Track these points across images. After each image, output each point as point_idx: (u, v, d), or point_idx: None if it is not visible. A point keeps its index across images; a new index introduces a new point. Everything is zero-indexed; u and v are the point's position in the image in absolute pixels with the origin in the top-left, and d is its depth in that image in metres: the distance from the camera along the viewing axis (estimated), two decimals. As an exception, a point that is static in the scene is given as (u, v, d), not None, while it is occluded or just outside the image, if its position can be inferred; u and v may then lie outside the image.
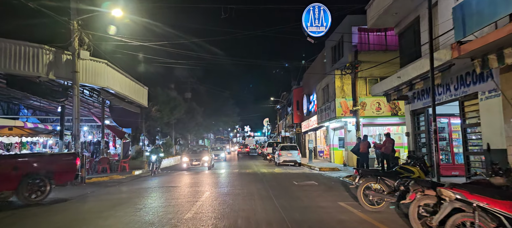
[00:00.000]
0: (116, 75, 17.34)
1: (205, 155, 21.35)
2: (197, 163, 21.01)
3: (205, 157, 21.07)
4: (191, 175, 17.21)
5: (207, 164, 20.85)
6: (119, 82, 17.83)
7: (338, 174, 17.59)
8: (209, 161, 21.10)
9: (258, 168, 22.31)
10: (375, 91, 13.35)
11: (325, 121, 23.65)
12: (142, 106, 22.33)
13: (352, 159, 21.05)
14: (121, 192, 11.93)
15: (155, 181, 15.01)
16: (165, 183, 14.10)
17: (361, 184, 7.40)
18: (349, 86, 20.76)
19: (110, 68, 16.52)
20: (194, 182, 14.42)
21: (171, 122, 31.21)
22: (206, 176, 16.91)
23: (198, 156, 21.63)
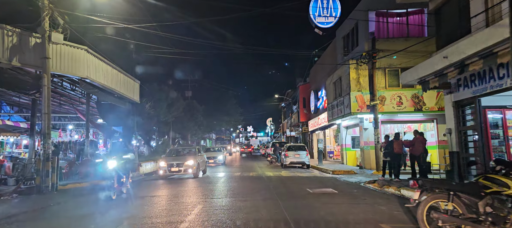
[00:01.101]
0: (100, 65, 15.04)
1: (189, 159, 15.95)
2: (177, 169, 15.50)
3: (189, 161, 15.66)
4: (180, 183, 14.70)
5: (192, 171, 15.51)
6: (103, 73, 15.53)
7: (355, 178, 15.20)
8: (195, 166, 15.69)
9: (263, 171, 19.96)
10: (406, 80, 10.95)
11: (337, 118, 21.25)
12: (133, 102, 20.02)
13: (368, 160, 18.65)
14: (92, 203, 9.60)
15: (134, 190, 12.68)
16: (150, 191, 11.76)
17: (424, 202, 4.95)
18: (366, 78, 18.36)
19: (92, 56, 14.22)
20: (185, 190, 12.07)
21: (168, 120, 28.93)
22: (201, 183, 14.56)
23: (179, 159, 16.13)
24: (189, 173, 15.68)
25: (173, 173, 15.85)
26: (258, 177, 16.06)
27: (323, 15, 23.21)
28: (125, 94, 18.32)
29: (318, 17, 23.14)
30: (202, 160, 17.38)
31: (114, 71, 16.83)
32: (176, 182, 14.46)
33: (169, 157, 16.88)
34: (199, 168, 16.32)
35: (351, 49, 21.13)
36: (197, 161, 16.07)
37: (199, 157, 16.92)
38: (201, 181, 14.28)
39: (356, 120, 20.00)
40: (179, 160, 15.98)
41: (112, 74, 16.54)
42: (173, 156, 17.17)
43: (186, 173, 15.68)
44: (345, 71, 19.16)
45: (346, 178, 15.42)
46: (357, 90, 18.37)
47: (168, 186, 13.21)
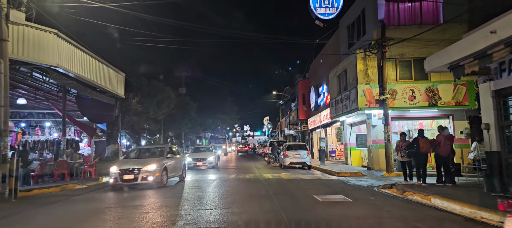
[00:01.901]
0: (75, 53, 13.15)
1: (150, 163, 11.97)
2: (131, 176, 11.47)
3: (149, 166, 11.74)
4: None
5: (153, 178, 11.60)
6: (80, 62, 13.64)
7: (365, 181, 13.44)
8: (157, 172, 11.80)
9: (260, 172, 18.16)
10: (432, 66, 9.17)
11: (341, 115, 19.49)
12: (117, 97, 18.13)
13: (377, 160, 16.91)
14: (52, 215, 7.76)
15: (115, 195, 10.82)
16: (130, 199, 9.92)
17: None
18: (375, 70, 16.59)
19: (64, 42, 12.33)
20: (169, 196, 10.23)
21: (159, 117, 27.04)
22: (165, 194, 12.73)
23: (138, 163, 12.02)
24: (149, 181, 11.54)
25: (126, 182, 11.50)
26: (255, 180, 14.26)
27: (324, 6, 21.48)
28: (107, 88, 16.44)
29: (319, 8, 21.42)
30: (174, 163, 13.49)
31: (94, 61, 14.95)
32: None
33: (125, 160, 13.00)
34: (166, 174, 12.45)
35: (357, 39, 19.37)
36: (161, 165, 12.16)
37: (169, 159, 13.06)
38: (165, 193, 10.74)
39: (362, 116, 18.24)
40: (137, 164, 11.80)
41: (91, 65, 14.66)
42: (132, 159, 13.07)
43: (145, 181, 11.49)
44: (351, 62, 17.39)
45: (355, 181, 13.65)
46: (365, 83, 16.59)
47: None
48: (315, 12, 20.57)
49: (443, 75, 15.98)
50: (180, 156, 15.03)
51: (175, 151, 14.93)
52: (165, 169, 12.50)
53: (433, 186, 9.88)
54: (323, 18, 20.81)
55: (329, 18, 20.73)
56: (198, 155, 21.40)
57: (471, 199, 7.30)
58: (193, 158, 20.68)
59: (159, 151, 13.93)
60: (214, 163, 21.15)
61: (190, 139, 48.62)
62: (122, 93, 18.28)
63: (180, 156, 15.19)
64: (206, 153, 21.98)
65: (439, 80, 16.02)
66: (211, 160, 20.90)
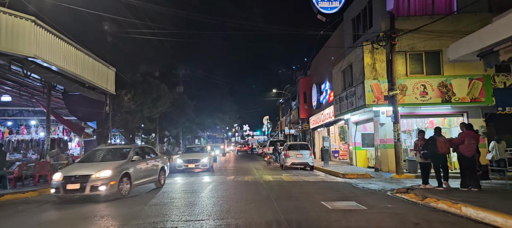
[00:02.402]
0: (56, 43, 11.96)
1: (104, 169, 9.41)
2: (74, 186, 8.97)
3: (102, 172, 9.22)
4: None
5: (105, 188, 9.07)
6: (63, 54, 12.45)
7: (376, 184, 12.29)
8: (113, 180, 9.28)
9: (260, 174, 17.01)
10: (458, 53, 8.02)
11: (346, 112, 18.34)
12: (107, 93, 16.95)
13: (386, 161, 15.77)
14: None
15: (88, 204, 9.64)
16: (102, 209, 8.75)
17: None
18: (383, 64, 15.44)
19: (43, 30, 11.14)
20: (160, 203, 9.07)
21: (154, 116, 25.86)
22: (172, 192, 11.57)
23: (87, 169, 9.47)
24: (101, 191, 9.02)
25: (71, 193, 9.05)
26: (255, 183, 13.10)
27: (327, 0, 20.43)
28: (95, 83, 15.24)
29: (321, 1, 20.25)
30: (144, 168, 11.11)
31: (80, 54, 13.75)
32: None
33: (78, 165, 10.44)
34: (128, 181, 9.92)
35: (363, 31, 18.22)
36: (120, 171, 9.61)
37: (135, 163, 10.54)
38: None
39: (369, 113, 17.10)
40: (87, 170, 9.31)
41: (76, 57, 13.46)
42: (86, 163, 10.32)
43: (96, 191, 8.99)
44: (358, 56, 16.23)
45: (363, 183, 12.50)
46: (373, 78, 15.44)
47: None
48: (317, 6, 19.40)
49: (457, 69, 14.86)
50: (157, 158, 12.40)
51: (149, 152, 12.39)
52: (126, 176, 9.83)
53: (457, 191, 8.72)
54: (326, 12, 19.67)
55: (332, 12, 19.58)
56: (190, 156, 18.99)
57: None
58: (184, 159, 18.42)
59: (122, 153, 11.05)
60: (208, 165, 18.65)
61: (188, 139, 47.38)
62: (113, 90, 17.09)
63: (158, 158, 12.61)
64: (200, 154, 19.39)
65: (452, 75, 14.89)
66: (205, 162, 18.39)
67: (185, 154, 19.77)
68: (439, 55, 15.19)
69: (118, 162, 10.18)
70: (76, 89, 14.40)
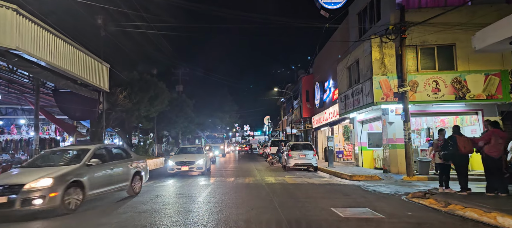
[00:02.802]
0: (42, 35, 11.09)
1: (41, 177, 7.44)
2: (4, 199, 6.98)
3: (39, 181, 7.29)
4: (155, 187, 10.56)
5: (43, 202, 7.15)
6: (51, 48, 11.58)
7: (387, 187, 11.40)
8: (54, 191, 7.33)
9: (262, 175, 16.13)
10: (486, 41, 7.11)
11: (352, 111, 17.44)
12: (101, 91, 16.10)
13: (395, 162, 14.87)
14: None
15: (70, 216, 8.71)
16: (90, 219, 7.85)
17: None
18: (392, 59, 14.54)
19: (27, 21, 10.27)
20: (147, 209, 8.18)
21: (152, 115, 25.00)
22: (173, 189, 10.69)
23: (21, 176, 7.63)
24: (36, 205, 7.09)
25: None
26: (256, 186, 12.21)
27: (331, -5, 19.57)
28: (87, 80, 14.41)
29: (325, -3, 19.54)
30: (108, 174, 9.07)
31: (69, 48, 12.89)
32: None
33: (16, 171, 8.50)
34: (80, 192, 7.98)
35: (370, 25, 17.32)
36: (64, 179, 7.58)
37: (91, 169, 8.46)
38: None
39: (377, 112, 16.20)
40: (24, 178, 7.42)
41: (65, 51, 12.60)
42: (27, 168, 8.41)
43: (29, 206, 7.05)
44: (365, 51, 15.33)
45: (373, 186, 11.60)
46: (382, 74, 14.53)
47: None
48: (320, 1, 18.54)
49: (472, 65, 13.96)
50: (130, 161, 10.20)
51: (118, 154, 10.15)
52: (76, 185, 7.81)
53: (482, 197, 7.81)
54: (329, 7, 18.81)
55: (335, 8, 18.71)
56: (183, 157, 16.63)
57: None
58: (176, 161, 16.08)
59: (76, 155, 8.97)
60: (204, 168, 16.19)
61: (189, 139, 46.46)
62: (106, 87, 16.24)
63: (131, 160, 10.33)
64: (195, 155, 17.00)
65: (467, 70, 13.98)
66: (201, 164, 16.01)
67: (178, 155, 17.46)
68: (452, 50, 14.28)
69: (66, 168, 8.00)
70: (66, 85, 13.54)
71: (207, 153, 18.91)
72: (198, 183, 13.21)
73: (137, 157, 11.51)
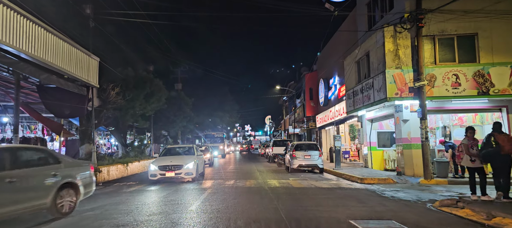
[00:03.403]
0: (15, 20, 9.83)
1: None
2: None
3: None
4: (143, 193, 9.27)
5: None
6: (29, 36, 10.36)
7: (404, 192, 10.13)
8: None
9: (264, 177, 14.90)
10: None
11: (361, 108, 16.17)
12: (89, 86, 14.87)
13: (410, 163, 13.60)
14: None
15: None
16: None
17: None
18: (407, 51, 13.26)
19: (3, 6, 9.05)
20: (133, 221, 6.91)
21: (148, 113, 23.77)
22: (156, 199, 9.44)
23: None
24: None
25: None
26: (258, 190, 10.96)
27: (336, -14, 18.32)
28: (73, 74, 13.16)
29: (330, -12, 18.28)
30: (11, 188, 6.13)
31: (52, 37, 11.64)
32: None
33: None
34: None
35: (381, 14, 16.03)
36: None
37: None
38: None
39: (388, 109, 14.93)
40: None
41: (47, 41, 11.36)
42: None
43: None
44: (377, 42, 14.05)
45: (389, 191, 10.33)
46: (396, 67, 13.25)
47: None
48: (325, -7, 17.30)
49: (497, 56, 12.69)
50: (54, 169, 7.17)
51: (31, 161, 7.03)
52: None
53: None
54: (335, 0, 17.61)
55: (341, 0, 17.48)
56: (169, 160, 13.63)
57: None
58: (159, 165, 13.12)
59: None
60: (195, 173, 13.30)
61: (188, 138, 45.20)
62: (95, 82, 14.99)
63: (58, 168, 7.27)
64: (183, 158, 13.94)
65: (490, 62, 12.69)
66: (190, 168, 13.10)
67: (163, 158, 14.23)
68: (474, 40, 12.99)
69: None
70: (49, 80, 12.30)
71: (200, 154, 15.92)
72: (193, 187, 11.94)
73: (75, 162, 8.51)
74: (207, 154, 22.00)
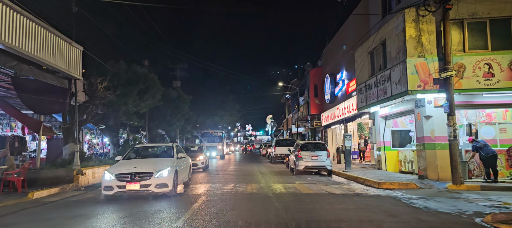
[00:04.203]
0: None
1: None
2: None
3: None
4: None
5: None
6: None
7: (436, 201, 8.48)
8: None
9: (267, 180, 13.29)
10: None
11: (375, 103, 14.54)
12: (71, 78, 13.28)
13: (433, 165, 11.96)
14: None
15: None
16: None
17: None
18: (432, 37, 11.60)
19: None
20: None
21: (142, 110, 22.16)
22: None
23: None
24: None
25: None
26: (262, 197, 9.34)
27: (344, -25, 16.83)
28: (50, 63, 11.56)
29: (337, -22, 16.82)
30: None
31: (22, 19, 10.04)
32: None
33: None
34: None
35: (396, 3, 14.37)
36: None
37: None
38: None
39: (407, 104, 13.26)
40: None
41: (13, 22, 9.74)
42: None
43: None
44: (396, 28, 12.39)
45: (417, 199, 8.68)
46: (418, 56, 11.59)
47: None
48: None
49: (537, 42, 10.99)
50: None
51: None
52: None
53: None
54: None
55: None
56: (133, 164, 9.56)
57: None
58: (118, 173, 9.01)
59: None
60: (171, 184, 9.19)
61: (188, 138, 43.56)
62: (78, 74, 13.39)
63: None
64: (155, 162, 9.83)
65: (529, 49, 11.04)
66: (164, 177, 9.09)
67: (125, 162, 10.02)
68: (510, 24, 11.34)
69: None
70: (19, 69, 10.68)
71: (183, 157, 11.31)
72: (191, 191, 10.30)
73: None
74: (200, 155, 18.60)
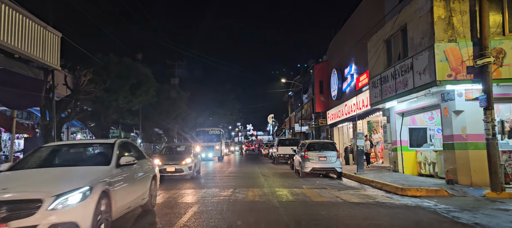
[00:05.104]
0: None
1: None
2: None
3: None
4: None
5: None
6: None
7: (483, 214, 6.85)
8: None
9: (270, 184, 11.67)
10: None
11: (393, 98, 12.86)
12: (48, 68, 11.66)
13: (466, 168, 10.27)
14: None
15: None
16: None
17: None
18: (465, 17, 9.93)
19: None
20: None
21: (134, 107, 20.56)
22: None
23: None
24: None
25: None
26: (265, 207, 7.69)
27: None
28: (20, 50, 9.94)
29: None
30: None
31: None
32: None
33: None
34: None
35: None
36: None
37: None
38: None
39: (430, 98, 11.56)
40: None
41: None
42: None
43: None
44: (421, 9, 10.71)
45: (461, 213, 7.00)
46: (448, 40, 9.92)
47: None
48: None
49: None
50: None
51: None
52: None
53: None
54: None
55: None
56: (7, 185, 4.64)
57: None
58: None
59: None
60: (87, 223, 4.42)
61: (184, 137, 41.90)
62: (56, 63, 11.76)
63: None
64: (59, 178, 4.95)
65: None
66: (70, 207, 4.36)
67: (11, 173, 5.44)
68: (558, 1, 9.67)
69: None
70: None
71: (130, 166, 6.09)
72: (171, 201, 8.65)
73: None
74: (186, 158, 13.73)
